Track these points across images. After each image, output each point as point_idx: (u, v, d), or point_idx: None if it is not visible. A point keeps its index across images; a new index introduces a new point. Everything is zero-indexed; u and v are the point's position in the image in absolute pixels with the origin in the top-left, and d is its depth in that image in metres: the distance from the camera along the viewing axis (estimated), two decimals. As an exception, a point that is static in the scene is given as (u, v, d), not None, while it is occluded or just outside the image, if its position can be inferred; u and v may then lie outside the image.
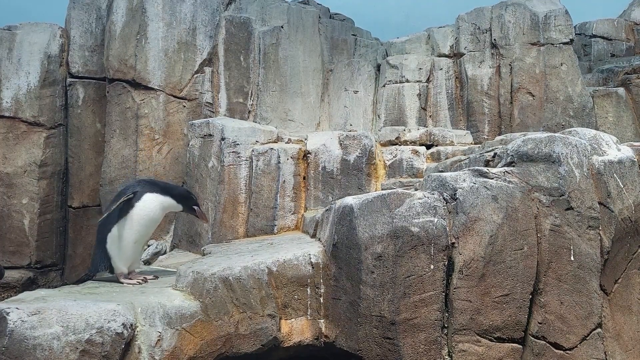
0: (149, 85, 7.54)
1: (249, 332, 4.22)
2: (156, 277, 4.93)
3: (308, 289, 4.40)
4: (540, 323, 4.36)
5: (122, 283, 4.73)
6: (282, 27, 8.16)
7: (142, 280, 4.79)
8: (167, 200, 4.84)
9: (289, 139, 6.68)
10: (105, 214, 4.76)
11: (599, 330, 4.46)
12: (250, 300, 4.25)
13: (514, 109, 8.05)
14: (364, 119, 8.36)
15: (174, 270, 4.96)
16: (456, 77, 8.44)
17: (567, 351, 4.37)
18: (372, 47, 8.83)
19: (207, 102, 7.66)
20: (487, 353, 4.23)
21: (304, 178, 6.43)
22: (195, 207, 5.02)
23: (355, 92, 8.40)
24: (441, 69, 8.42)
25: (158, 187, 4.88)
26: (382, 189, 5.95)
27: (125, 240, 4.68)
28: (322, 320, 4.40)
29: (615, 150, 4.90)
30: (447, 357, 4.21)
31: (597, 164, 4.67)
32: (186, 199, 4.99)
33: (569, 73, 8.07)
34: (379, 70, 8.62)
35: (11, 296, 5.54)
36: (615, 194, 4.65)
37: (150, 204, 4.73)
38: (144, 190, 4.74)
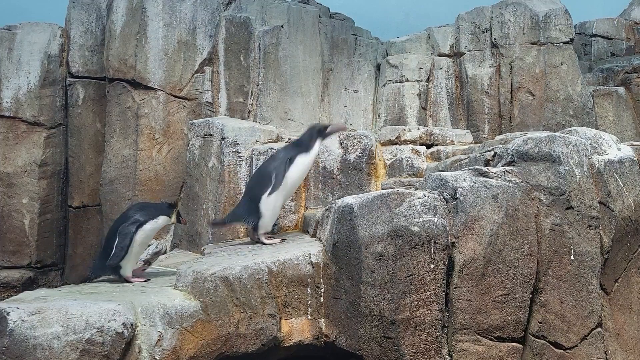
0: (149, 85, 7.54)
1: (249, 331, 4.22)
2: (284, 240, 5.28)
3: (308, 289, 4.40)
4: (540, 322, 4.36)
5: (264, 243, 5.17)
6: (282, 26, 8.15)
7: (281, 240, 5.24)
8: (313, 153, 5.36)
9: (289, 139, 6.67)
10: (274, 188, 5.15)
11: (599, 329, 4.46)
12: (250, 300, 4.26)
13: (514, 108, 8.04)
14: (364, 119, 8.35)
15: (174, 269, 4.96)
16: (456, 77, 8.43)
17: (568, 350, 4.38)
18: (372, 46, 8.83)
19: (207, 102, 7.66)
20: (488, 352, 4.23)
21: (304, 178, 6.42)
22: (327, 131, 5.45)
23: (356, 91, 8.40)
24: (441, 68, 8.42)
25: (303, 146, 5.33)
26: (382, 189, 5.94)
27: (277, 202, 5.21)
28: (322, 320, 4.40)
29: (615, 149, 4.90)
30: (447, 356, 4.22)
31: (597, 164, 4.67)
32: (319, 131, 5.40)
33: (569, 72, 8.06)
34: (379, 69, 8.61)
35: (11, 296, 5.54)
36: (616, 194, 4.65)
37: (301, 167, 5.30)
38: (295, 154, 5.26)
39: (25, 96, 7.79)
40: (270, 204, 5.21)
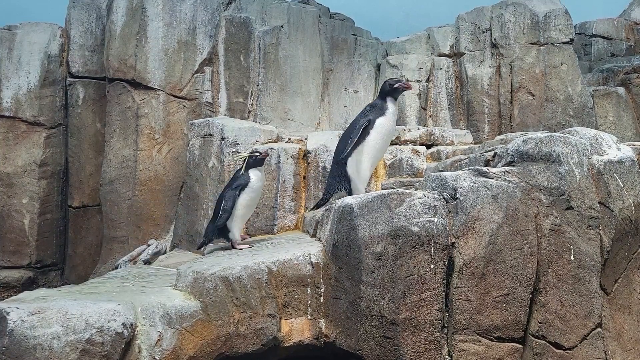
0: (149, 85, 7.54)
1: (249, 331, 4.22)
2: None
3: (308, 289, 4.40)
4: (540, 323, 4.36)
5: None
6: (282, 26, 8.16)
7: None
8: (393, 115, 5.08)
9: (289, 139, 6.68)
10: (350, 147, 5.00)
11: (599, 329, 4.46)
12: (250, 300, 4.26)
13: (514, 108, 8.05)
14: (364, 119, 8.35)
15: (174, 270, 4.96)
16: (456, 77, 8.44)
17: (567, 351, 4.37)
18: (372, 46, 8.83)
19: (207, 102, 7.66)
20: (487, 353, 4.23)
21: (304, 178, 6.43)
22: (395, 86, 5.06)
23: (355, 91, 8.40)
24: (441, 68, 8.42)
25: (382, 108, 5.07)
26: (382, 189, 5.94)
27: (364, 164, 5.04)
28: (322, 320, 4.40)
29: (615, 149, 4.90)
30: (447, 356, 4.21)
31: (597, 164, 4.67)
32: (385, 91, 5.08)
33: (569, 72, 8.07)
34: (379, 69, 8.62)
35: (11, 296, 5.54)
36: (616, 194, 4.65)
37: (384, 128, 5.04)
38: (375, 116, 5.03)
39: (25, 96, 7.80)
40: (354, 168, 5.05)
